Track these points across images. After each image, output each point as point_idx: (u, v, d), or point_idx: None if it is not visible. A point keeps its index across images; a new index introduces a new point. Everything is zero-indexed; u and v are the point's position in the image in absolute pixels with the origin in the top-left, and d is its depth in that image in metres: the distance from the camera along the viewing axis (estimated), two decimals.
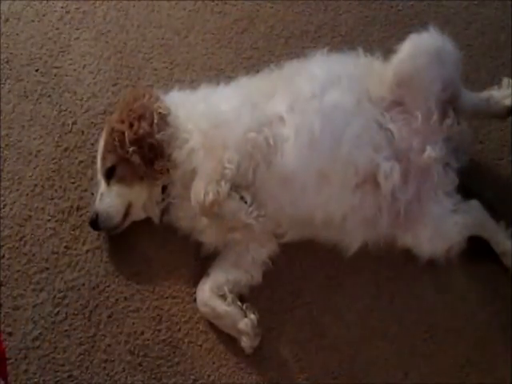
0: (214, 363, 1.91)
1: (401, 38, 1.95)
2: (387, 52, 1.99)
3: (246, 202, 1.88)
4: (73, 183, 2.18)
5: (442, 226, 1.91)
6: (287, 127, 1.90)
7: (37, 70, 2.41)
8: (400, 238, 1.94)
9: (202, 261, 2.03)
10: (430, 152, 1.88)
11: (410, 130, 1.91)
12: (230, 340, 1.91)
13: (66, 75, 2.40)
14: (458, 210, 1.93)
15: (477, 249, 1.96)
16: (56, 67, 2.42)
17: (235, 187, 1.87)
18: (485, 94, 2.10)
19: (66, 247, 2.08)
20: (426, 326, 1.94)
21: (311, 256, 2.02)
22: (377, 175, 1.88)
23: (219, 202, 1.82)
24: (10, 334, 1.94)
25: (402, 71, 1.91)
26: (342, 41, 2.44)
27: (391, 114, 1.92)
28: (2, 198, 2.15)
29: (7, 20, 2.51)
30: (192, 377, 1.90)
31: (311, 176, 1.87)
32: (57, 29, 2.50)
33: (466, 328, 1.93)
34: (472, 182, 2.01)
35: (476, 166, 2.10)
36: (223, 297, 1.91)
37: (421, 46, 1.92)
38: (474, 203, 1.98)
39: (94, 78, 2.40)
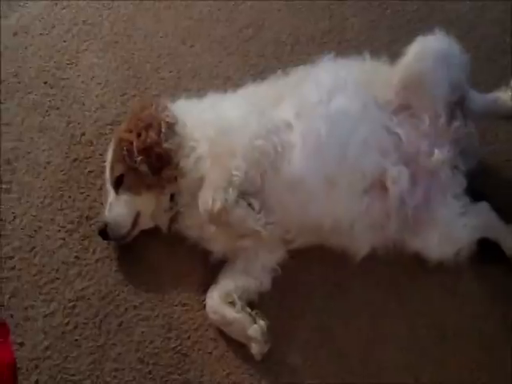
0: (223, 370, 1.91)
1: (407, 42, 1.98)
2: (394, 56, 2.02)
3: (254, 209, 1.88)
4: (82, 193, 2.21)
5: (450, 229, 1.92)
6: (294, 133, 1.93)
7: (45, 83, 2.46)
8: (409, 242, 1.96)
9: (210, 268, 2.04)
10: (438, 155, 1.90)
11: (417, 133, 1.93)
12: (239, 347, 1.92)
13: (74, 87, 2.45)
14: (466, 212, 1.94)
15: (486, 251, 1.97)
16: (64, 79, 2.46)
17: (243, 194, 1.88)
18: (492, 95, 2.11)
19: (75, 257, 2.10)
20: (437, 329, 1.95)
21: (320, 262, 2.03)
22: (385, 180, 1.90)
23: (227, 209, 1.84)
24: (20, 344, 1.95)
25: (408, 74, 1.93)
26: (348, 46, 2.47)
27: (398, 117, 1.94)
28: (12, 210, 2.18)
29: (16, 33, 2.57)
30: None
31: (319, 182, 1.88)
32: (64, 41, 2.56)
33: (477, 331, 1.93)
34: (480, 184, 2.02)
35: (484, 168, 2.10)
36: (232, 304, 1.92)
37: (427, 49, 1.94)
38: (483, 205, 1.99)
39: (101, 89, 2.43)
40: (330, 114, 1.91)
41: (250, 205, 1.89)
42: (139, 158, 1.96)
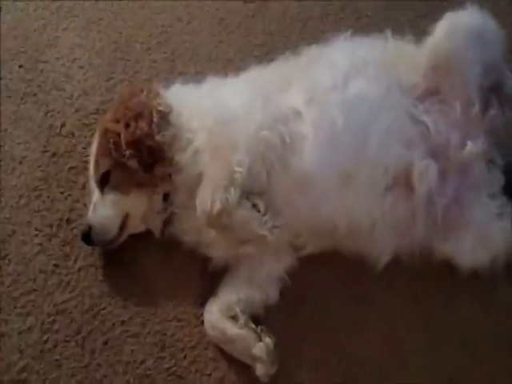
0: None
1: (435, 18, 1.97)
2: (420, 34, 2.02)
3: (259, 211, 1.87)
4: (62, 193, 2.21)
5: (485, 232, 1.91)
6: (305, 123, 1.92)
7: (20, 67, 2.46)
8: (437, 248, 1.95)
9: (209, 278, 2.04)
10: (471, 147, 1.89)
11: (447, 122, 1.92)
12: (242, 368, 1.91)
13: (54, 71, 2.45)
14: (503, 213, 1.93)
15: None
16: (42, 62, 2.47)
17: (246, 194, 1.87)
18: None
19: (55, 265, 2.10)
20: (468, 349, 1.94)
21: (335, 270, 2.03)
22: (410, 176, 1.89)
23: (228, 211, 1.83)
24: None
25: (437, 54, 1.93)
26: (367, 23, 2.48)
27: (425, 104, 1.93)
28: None
29: None
30: None
31: (334, 178, 1.88)
32: (42, 18, 2.56)
33: None
34: None
35: None
36: (234, 318, 1.92)
37: (458, 26, 1.94)
38: None
39: (84, 74, 2.44)
40: (347, 99, 1.91)
41: (254, 206, 1.87)
42: (128, 152, 1.96)
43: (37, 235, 2.14)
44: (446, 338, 1.96)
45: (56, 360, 1.96)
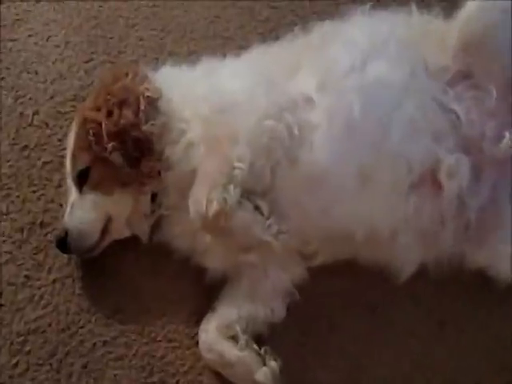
0: None
1: None
2: (450, 7, 1.99)
3: (262, 213, 1.85)
4: (34, 192, 2.21)
5: None
6: (317, 111, 1.90)
7: None
8: (471, 257, 1.94)
9: (205, 292, 2.03)
10: (509, 140, 1.86)
11: (481, 110, 1.89)
12: None
13: (25, 50, 2.45)
14: None
15: None
16: (11, 40, 2.47)
17: (248, 193, 1.85)
18: None
19: (26, 276, 2.09)
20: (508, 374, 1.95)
21: (350, 283, 2.03)
22: (438, 173, 1.87)
23: (226, 213, 1.81)
24: None
25: (469, 32, 1.90)
26: None
27: (456, 89, 1.91)
28: None
29: None
30: None
31: (349, 176, 1.86)
32: None
33: None
34: None
35: None
36: (234, 339, 1.91)
37: None
38: None
39: (60, 54, 2.43)
40: (365, 84, 1.89)
41: (256, 207, 1.86)
42: (110, 145, 1.94)
43: (5, 241, 2.14)
44: (476, 357, 1.96)
45: None
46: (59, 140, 2.26)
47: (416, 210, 1.87)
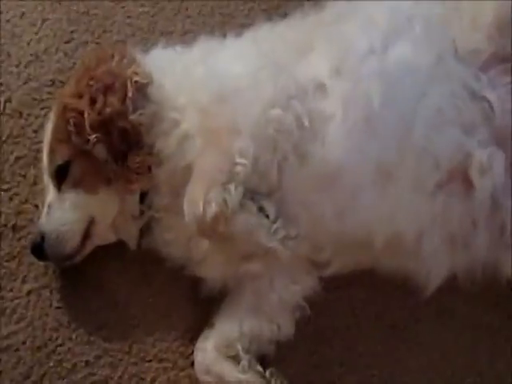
0: None
1: None
2: None
3: (267, 216, 1.84)
4: (6, 191, 2.21)
5: None
6: (331, 100, 1.89)
7: None
8: (505, 264, 1.92)
9: (202, 305, 2.03)
10: None
11: None
12: None
13: None
14: None
15: None
16: None
17: (251, 193, 1.84)
18: None
19: None
20: None
21: (368, 296, 2.04)
22: (468, 169, 1.86)
23: (227, 216, 1.80)
24: None
25: (506, 10, 1.89)
26: None
27: (490, 75, 1.90)
28: None
29: None
30: None
31: (368, 174, 1.85)
32: None
33: None
34: None
35: None
36: (235, 359, 1.91)
37: None
38: None
39: (36, 33, 2.42)
40: (386, 69, 1.88)
41: (261, 209, 1.84)
42: (93, 137, 1.93)
43: None
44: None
45: None
46: (34, 131, 2.25)
47: (444, 212, 1.87)
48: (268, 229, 1.82)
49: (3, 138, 2.26)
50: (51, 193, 2.02)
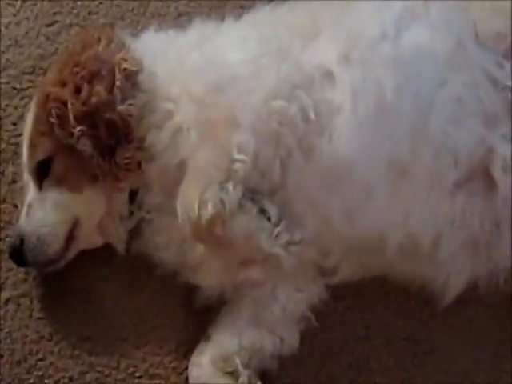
0: None
1: None
2: None
3: (269, 219, 1.85)
4: None
5: None
6: (339, 90, 1.89)
7: None
8: None
9: (196, 316, 2.04)
10: None
11: None
12: None
13: None
14: None
15: None
16: None
17: (251, 193, 1.85)
18: None
19: None
20: None
21: (380, 306, 2.05)
22: (490, 166, 1.87)
23: (224, 218, 1.81)
24: None
25: None
26: None
27: None
28: None
29: None
30: None
31: (380, 172, 1.86)
32: None
33: None
34: None
35: None
36: (234, 374, 1.93)
37: None
38: None
39: (15, 15, 2.44)
40: (400, 56, 1.89)
41: (262, 211, 1.85)
42: (78, 130, 1.94)
43: None
44: None
45: None
46: (13, 124, 2.27)
47: (463, 213, 1.88)
48: (270, 232, 1.82)
49: None
50: (31, 191, 2.03)
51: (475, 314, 2.03)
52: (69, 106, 1.94)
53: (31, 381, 1.99)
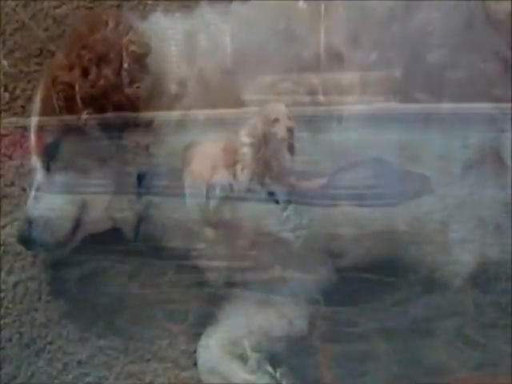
0: None
1: None
2: None
3: (277, 202, 1.85)
4: None
5: None
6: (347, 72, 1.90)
7: None
8: None
9: (205, 299, 2.04)
10: None
11: None
12: None
13: None
14: None
15: None
16: None
17: (260, 176, 1.84)
18: None
19: None
20: None
21: (390, 288, 1.99)
22: (500, 147, 1.87)
23: (232, 201, 1.83)
24: None
25: None
26: None
27: None
28: None
29: None
30: None
31: (389, 152, 1.85)
32: None
33: None
34: None
35: None
36: (242, 357, 1.93)
37: None
38: None
39: None
40: (410, 36, 1.88)
41: (271, 194, 1.85)
42: (86, 113, 1.94)
43: None
44: None
45: None
46: (22, 107, 2.26)
47: (473, 194, 1.87)
48: (278, 216, 1.84)
49: None
50: (39, 174, 2.03)
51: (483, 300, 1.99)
52: (76, 89, 1.93)
53: (40, 364, 2.01)
